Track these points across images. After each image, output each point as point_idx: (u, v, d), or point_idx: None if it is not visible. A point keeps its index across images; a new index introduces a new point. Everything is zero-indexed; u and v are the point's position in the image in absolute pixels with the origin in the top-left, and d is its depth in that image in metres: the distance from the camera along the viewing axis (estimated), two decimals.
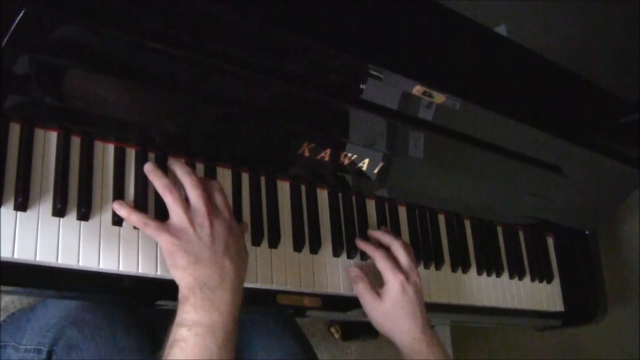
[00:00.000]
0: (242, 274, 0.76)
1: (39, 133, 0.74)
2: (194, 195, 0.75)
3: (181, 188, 0.76)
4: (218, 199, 0.77)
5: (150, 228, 0.73)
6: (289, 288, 0.88)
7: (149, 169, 0.77)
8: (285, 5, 0.72)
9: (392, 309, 0.89)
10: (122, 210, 0.74)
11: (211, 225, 0.74)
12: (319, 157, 0.86)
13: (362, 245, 0.95)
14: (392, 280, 0.89)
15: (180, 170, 0.77)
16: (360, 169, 0.90)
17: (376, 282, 0.92)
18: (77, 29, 0.64)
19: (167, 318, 0.72)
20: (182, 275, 0.72)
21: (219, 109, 0.77)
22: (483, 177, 1.01)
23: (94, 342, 0.83)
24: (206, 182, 0.79)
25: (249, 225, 0.85)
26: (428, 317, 0.91)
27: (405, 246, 0.94)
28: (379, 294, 0.90)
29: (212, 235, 0.73)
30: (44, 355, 0.85)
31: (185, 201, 0.75)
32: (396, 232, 1.02)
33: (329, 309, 0.96)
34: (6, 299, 1.22)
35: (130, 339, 0.85)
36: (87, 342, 0.83)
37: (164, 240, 0.72)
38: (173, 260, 0.72)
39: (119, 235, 0.76)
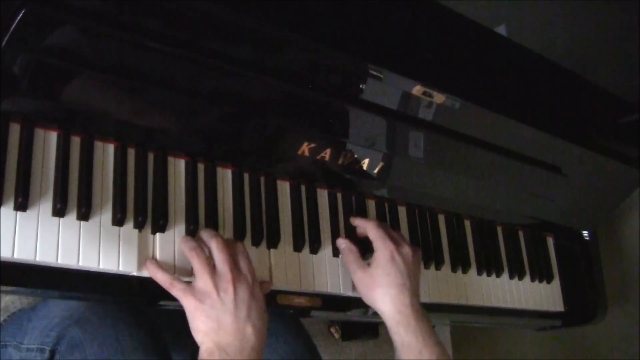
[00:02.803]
0: (263, 339, 0.77)
1: (39, 133, 0.74)
2: (220, 259, 0.76)
3: (207, 250, 0.78)
4: (242, 263, 0.79)
5: (175, 289, 0.75)
6: (288, 288, 0.88)
7: (181, 240, 0.79)
8: (285, 5, 0.72)
9: (379, 276, 0.88)
10: (151, 268, 0.76)
11: (235, 290, 0.75)
12: (319, 157, 0.86)
13: (356, 220, 0.96)
14: (382, 248, 0.90)
15: (206, 233, 0.79)
16: (360, 169, 0.90)
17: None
18: (77, 29, 0.64)
19: (170, 318, 0.72)
20: (203, 340, 0.74)
21: (218, 108, 0.77)
22: (483, 177, 1.01)
23: (96, 342, 0.83)
24: (231, 245, 0.80)
25: (270, 285, 0.86)
26: (418, 295, 0.91)
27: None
28: (367, 264, 0.91)
29: (235, 300, 0.75)
30: (46, 354, 0.85)
31: (212, 265, 0.77)
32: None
33: (329, 309, 0.96)
34: (6, 298, 1.22)
35: (132, 338, 0.86)
36: (90, 341, 0.84)
37: (188, 303, 0.74)
38: (195, 323, 0.74)
39: (119, 235, 0.76)
